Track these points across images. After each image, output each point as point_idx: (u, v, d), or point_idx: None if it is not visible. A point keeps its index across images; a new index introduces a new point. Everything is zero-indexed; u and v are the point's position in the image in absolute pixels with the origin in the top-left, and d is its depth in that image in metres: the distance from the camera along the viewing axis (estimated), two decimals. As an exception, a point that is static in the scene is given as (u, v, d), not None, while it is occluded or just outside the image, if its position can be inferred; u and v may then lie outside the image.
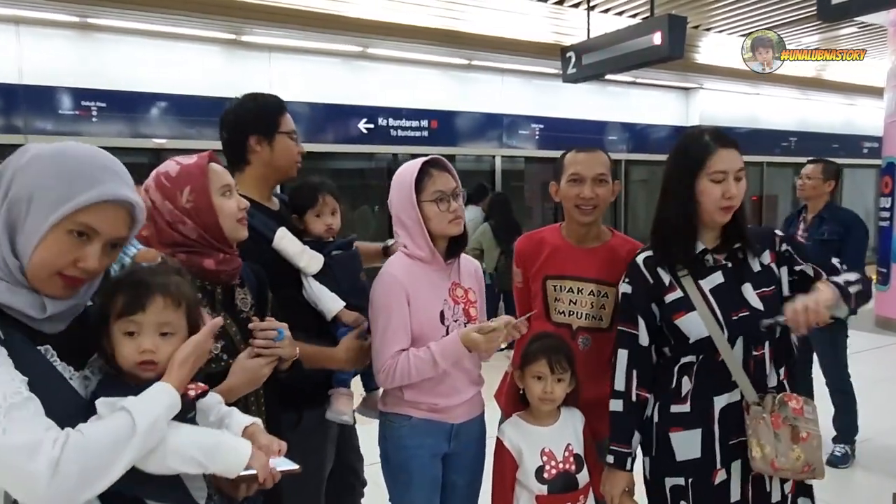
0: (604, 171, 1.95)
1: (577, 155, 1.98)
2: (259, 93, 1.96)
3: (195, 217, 1.44)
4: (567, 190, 1.96)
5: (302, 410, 1.84)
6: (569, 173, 1.96)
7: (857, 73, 10.77)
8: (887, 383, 3.61)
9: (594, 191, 1.93)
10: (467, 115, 8.16)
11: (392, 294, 1.77)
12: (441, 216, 1.77)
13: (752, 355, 1.64)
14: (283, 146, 1.90)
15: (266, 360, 1.44)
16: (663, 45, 5.97)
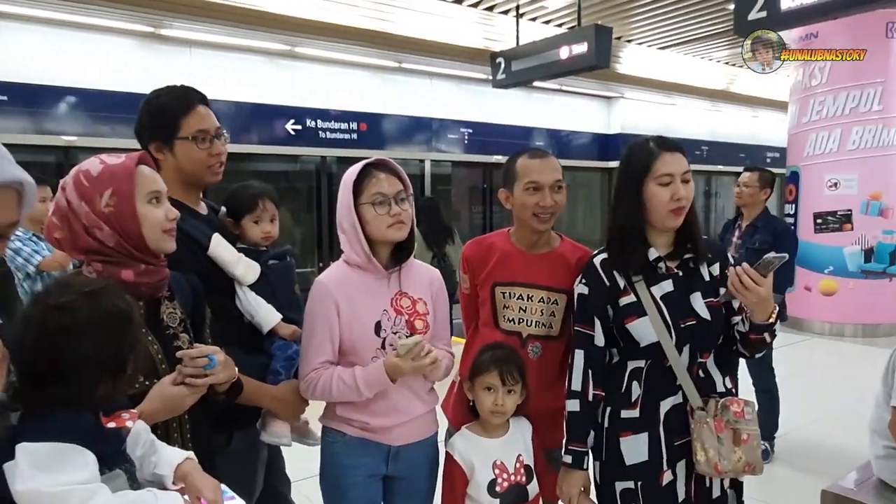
0: (559, 176, 1.92)
1: (532, 161, 1.91)
2: (163, 89, 1.73)
3: (114, 223, 1.29)
4: (525, 198, 1.89)
5: (231, 431, 1.71)
6: (525, 181, 1.89)
7: (762, 88, 11.50)
8: (797, 379, 3.84)
9: (553, 198, 1.89)
10: (397, 118, 8.11)
11: (319, 303, 1.68)
12: (379, 220, 1.67)
13: (697, 361, 1.69)
14: (185, 152, 1.68)
15: (191, 391, 1.31)
16: (590, 55, 6.16)
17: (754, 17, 4.46)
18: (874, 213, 6.99)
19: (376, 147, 7.87)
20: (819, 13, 4.36)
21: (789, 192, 7.65)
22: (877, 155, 6.94)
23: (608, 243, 1.78)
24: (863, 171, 6.96)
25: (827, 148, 7.14)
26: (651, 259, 1.70)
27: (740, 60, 10.37)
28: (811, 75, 7.22)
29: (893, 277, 7.12)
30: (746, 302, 1.57)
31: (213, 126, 1.73)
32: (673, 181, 1.65)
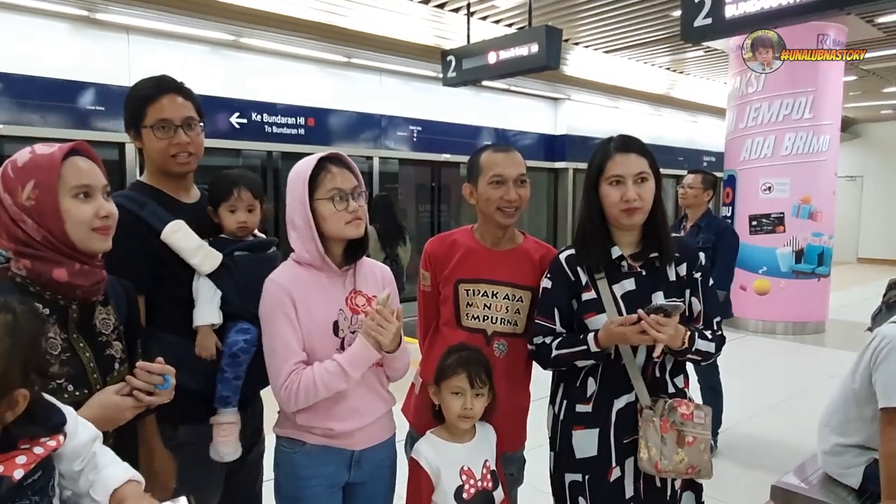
0: (523, 171, 1.91)
1: (496, 155, 1.89)
2: (144, 79, 1.74)
3: (37, 218, 1.21)
4: (489, 192, 1.87)
5: (177, 425, 1.65)
6: (489, 175, 1.86)
7: (700, 94, 11.93)
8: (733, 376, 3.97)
9: (517, 192, 1.87)
10: (346, 114, 7.99)
11: (276, 302, 1.60)
12: (337, 216, 1.60)
13: (652, 361, 1.71)
14: (148, 141, 1.70)
15: (134, 404, 1.25)
16: (541, 55, 6.22)
17: (700, 23, 4.61)
18: (805, 216, 7.34)
19: (324, 143, 7.74)
20: (760, 22, 4.53)
21: (726, 195, 7.94)
22: (807, 161, 7.28)
23: (574, 240, 1.80)
24: (794, 176, 7.30)
25: (762, 153, 7.45)
26: (614, 257, 1.72)
27: (681, 66, 10.81)
28: (748, 83, 7.52)
29: (821, 277, 7.49)
30: (662, 342, 1.59)
31: (180, 116, 1.71)
32: (623, 182, 1.66)
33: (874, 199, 15.72)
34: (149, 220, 1.63)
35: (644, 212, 1.68)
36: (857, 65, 9.77)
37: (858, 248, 15.80)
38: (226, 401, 1.69)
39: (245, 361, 1.68)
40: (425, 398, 1.84)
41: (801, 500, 2.28)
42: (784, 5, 4.29)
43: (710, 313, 1.77)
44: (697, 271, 1.77)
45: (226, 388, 1.68)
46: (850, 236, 15.29)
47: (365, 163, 8.37)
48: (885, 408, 2.05)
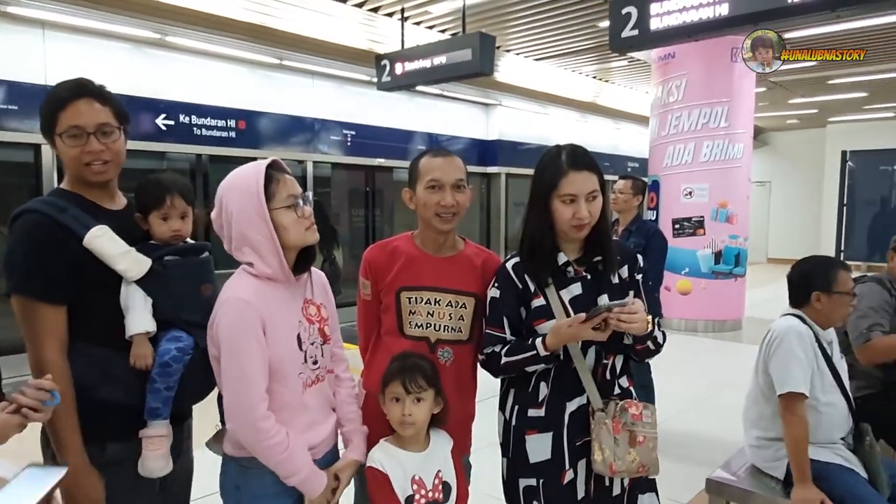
0: (462, 176, 1.88)
1: (434, 160, 1.88)
2: (62, 82, 1.65)
3: None
4: (427, 197, 1.85)
5: (105, 442, 1.58)
6: (427, 179, 1.85)
7: (624, 102, 12.41)
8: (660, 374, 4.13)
9: (454, 197, 1.85)
10: (278, 117, 7.84)
11: (247, 324, 1.50)
12: (298, 224, 1.57)
13: (601, 363, 1.76)
14: (61, 149, 1.61)
15: (20, 422, 1.21)
16: (474, 62, 6.32)
17: (627, 34, 4.82)
18: (722, 219, 7.76)
19: (256, 146, 7.57)
20: (682, 34, 4.79)
21: (651, 200, 8.29)
22: (724, 167, 7.71)
23: (520, 248, 1.81)
24: (713, 182, 7.70)
25: (683, 159, 7.83)
26: (560, 263, 1.76)
27: (607, 75, 11.22)
28: (669, 92, 7.89)
29: (738, 277, 7.94)
30: (636, 331, 1.62)
31: (94, 122, 1.60)
32: (576, 200, 1.68)
33: (781, 203, 16.79)
34: (70, 226, 1.54)
35: (591, 225, 1.73)
36: (766, 77, 10.41)
37: (768, 249, 16.82)
38: (155, 412, 1.60)
39: (177, 371, 1.61)
40: (369, 408, 1.82)
41: (734, 492, 2.43)
42: (703, 20, 4.56)
43: (651, 312, 1.81)
44: (637, 273, 1.84)
45: (156, 399, 1.60)
46: (760, 238, 16.26)
47: (298, 167, 8.24)
48: (780, 395, 2.24)
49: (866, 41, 8.32)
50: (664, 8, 4.77)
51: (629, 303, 1.60)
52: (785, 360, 2.26)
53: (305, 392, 1.61)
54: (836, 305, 2.34)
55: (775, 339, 2.33)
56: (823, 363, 2.31)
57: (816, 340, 2.32)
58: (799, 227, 16.13)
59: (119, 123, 1.67)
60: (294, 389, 1.59)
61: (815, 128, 15.99)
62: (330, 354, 1.71)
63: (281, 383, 1.57)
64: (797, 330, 2.29)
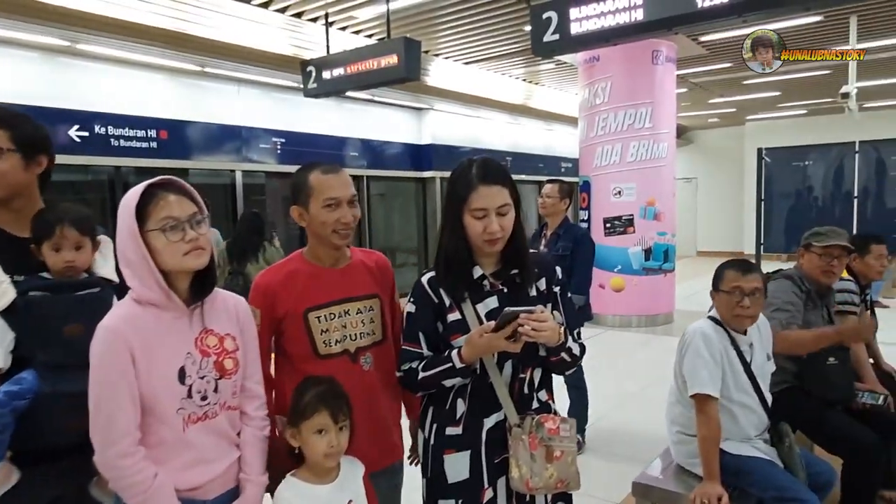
0: (354, 191, 1.88)
1: (328, 178, 1.83)
2: None
3: None
4: (325, 215, 1.82)
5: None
6: (323, 198, 1.82)
7: (554, 104, 12.64)
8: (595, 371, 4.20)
9: (352, 213, 1.85)
10: (202, 126, 7.60)
11: (111, 355, 1.41)
12: (173, 248, 1.45)
13: (518, 377, 1.73)
14: None
15: None
16: (400, 67, 6.30)
17: (549, 38, 4.90)
18: (650, 217, 7.99)
19: (180, 156, 7.32)
20: (601, 39, 4.91)
21: (583, 200, 8.47)
22: (650, 166, 7.94)
23: (435, 262, 1.79)
24: (640, 181, 7.92)
25: (611, 160, 8.02)
26: (476, 277, 1.73)
27: (536, 78, 11.39)
28: (595, 94, 8.08)
29: (667, 273, 8.20)
30: (546, 340, 1.61)
31: None
32: (487, 215, 1.66)
33: (707, 198, 17.50)
34: None
35: (505, 239, 1.71)
36: (687, 78, 10.83)
37: (697, 243, 17.49)
38: None
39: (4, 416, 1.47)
40: (277, 441, 1.74)
41: (658, 493, 2.46)
42: (620, 25, 4.69)
43: (570, 324, 1.82)
44: (556, 285, 1.82)
45: None
46: (689, 232, 16.88)
47: (227, 176, 8.02)
48: (692, 395, 2.31)
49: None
50: (583, 13, 4.89)
51: (537, 310, 1.59)
52: (693, 362, 2.33)
53: (188, 429, 1.50)
54: (722, 303, 2.39)
55: (687, 341, 2.40)
56: (738, 365, 2.37)
57: (732, 343, 2.38)
58: (724, 221, 16.85)
59: (12, 145, 1.59)
60: (172, 425, 1.48)
61: (734, 126, 16.76)
62: (231, 389, 1.58)
63: (156, 418, 1.47)
64: (704, 333, 2.36)
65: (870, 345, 3.64)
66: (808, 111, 14.86)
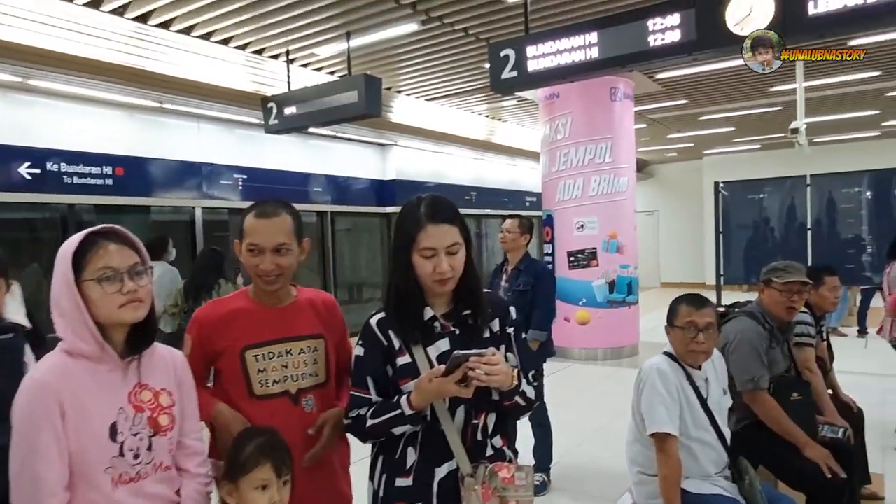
0: (285, 239, 1.79)
1: (258, 222, 1.78)
2: None
3: None
4: (247, 259, 1.78)
5: None
6: (247, 242, 1.77)
7: (517, 139, 12.82)
8: (562, 406, 4.15)
9: (275, 262, 1.77)
10: (161, 163, 7.47)
11: (38, 409, 1.34)
12: (108, 299, 1.40)
13: (471, 423, 1.65)
14: None
15: None
16: (360, 103, 6.31)
17: (507, 76, 4.97)
18: (613, 250, 8.07)
19: (138, 193, 7.17)
20: (558, 76, 5.00)
21: (546, 234, 8.53)
22: (611, 200, 8.06)
23: (384, 303, 1.72)
24: (602, 214, 8.03)
25: (573, 194, 8.13)
26: (427, 318, 1.66)
27: (499, 114, 11.56)
28: (556, 130, 8.21)
29: (631, 305, 8.25)
30: (499, 384, 1.55)
31: None
32: (436, 254, 1.60)
33: (669, 230, 17.85)
34: None
35: (456, 279, 1.65)
36: (645, 114, 11.11)
37: (661, 274, 17.74)
38: None
39: None
40: None
41: (621, 535, 2.40)
42: (576, 63, 4.78)
43: (525, 367, 1.76)
44: (510, 326, 1.76)
45: None
46: (652, 264, 17.14)
47: (187, 212, 7.87)
48: (651, 434, 2.28)
49: (727, 81, 9.05)
50: (540, 51, 4.98)
51: (488, 353, 1.52)
52: (650, 400, 2.29)
53: (117, 489, 1.41)
54: (677, 339, 2.37)
55: (643, 378, 2.36)
56: (695, 400, 2.35)
57: (688, 378, 2.36)
58: (686, 253, 17.16)
59: None
60: (100, 486, 1.39)
61: (692, 160, 17.22)
62: (166, 447, 1.50)
63: (83, 477, 1.38)
64: (660, 369, 2.33)
65: (827, 375, 3.68)
66: (762, 146, 15.37)
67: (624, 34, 4.64)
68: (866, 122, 12.64)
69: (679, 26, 4.48)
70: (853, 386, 3.96)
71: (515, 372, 1.61)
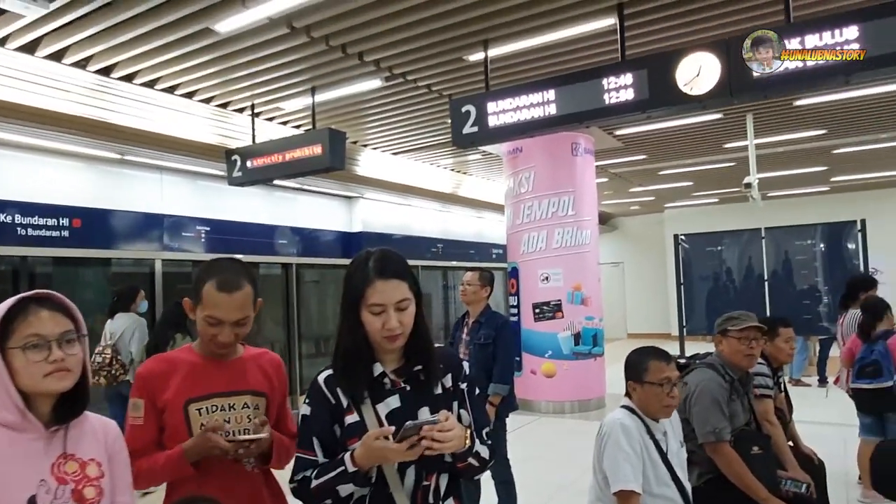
0: (247, 313, 1.79)
1: (220, 296, 1.74)
2: None
3: None
4: (204, 326, 1.77)
5: None
6: (205, 313, 1.75)
7: (483, 192, 12.99)
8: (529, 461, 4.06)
9: (234, 333, 1.77)
10: (120, 214, 7.33)
11: None
12: (33, 368, 1.35)
13: (421, 486, 1.59)
14: None
15: None
16: (325, 157, 6.35)
17: (468, 131, 5.07)
18: (578, 302, 8.12)
19: (95, 245, 7.00)
20: (517, 131, 5.13)
21: (511, 286, 8.56)
22: (575, 252, 8.16)
23: (333, 360, 1.66)
24: (566, 266, 8.10)
25: (537, 246, 8.21)
26: (376, 375, 1.61)
27: (464, 167, 11.74)
28: (520, 184, 8.35)
29: (597, 357, 8.25)
30: (449, 449, 1.50)
31: None
32: (385, 310, 1.57)
33: (635, 282, 18.11)
34: None
35: (406, 335, 1.61)
36: (607, 169, 11.40)
37: (627, 325, 17.89)
38: None
39: None
40: None
41: None
42: (535, 119, 4.91)
43: (479, 424, 1.71)
44: (463, 381, 1.71)
45: None
46: (619, 315, 17.30)
47: (148, 264, 7.70)
48: (615, 492, 2.23)
49: (683, 138, 9.38)
50: (500, 107, 5.10)
51: (441, 419, 1.47)
52: (614, 456, 2.24)
53: None
54: (650, 396, 2.33)
55: (605, 434, 2.32)
56: (656, 455, 2.31)
57: (648, 432, 2.33)
58: (651, 304, 17.38)
59: None
60: None
61: (654, 213, 17.66)
62: None
63: None
64: (623, 424, 2.29)
65: (787, 426, 3.70)
66: (720, 199, 15.85)
67: (580, 92, 4.80)
68: (816, 178, 13.17)
69: (632, 85, 4.65)
70: (815, 436, 3.98)
71: (468, 432, 1.57)
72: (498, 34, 5.40)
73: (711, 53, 4.45)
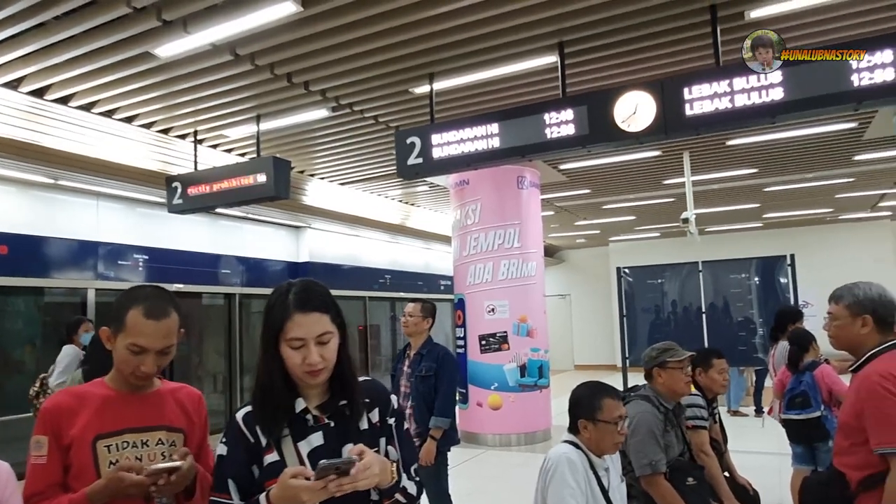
0: (173, 341, 1.72)
1: (146, 323, 1.66)
2: None
3: None
4: (125, 356, 1.67)
5: None
6: (129, 341, 1.66)
7: (431, 224, 13.03)
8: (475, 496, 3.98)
9: (158, 363, 1.69)
10: (51, 241, 7.03)
11: None
12: None
13: None
14: None
15: None
16: (269, 185, 6.26)
17: (412, 162, 5.09)
18: (523, 333, 8.15)
19: (23, 273, 6.67)
20: (462, 163, 5.18)
21: (458, 317, 8.54)
22: (520, 284, 8.21)
23: (252, 396, 1.59)
24: (512, 298, 8.14)
25: (483, 278, 8.23)
26: (298, 410, 1.55)
27: (412, 199, 11.77)
28: (467, 215, 8.41)
29: (542, 388, 8.27)
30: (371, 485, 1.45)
31: None
32: (305, 344, 1.51)
33: (581, 314, 18.37)
34: None
35: (329, 369, 1.55)
36: (553, 202, 11.62)
37: (574, 357, 18.07)
38: None
39: None
40: None
41: None
42: (479, 151, 4.97)
43: (407, 460, 1.65)
44: (391, 416, 1.66)
45: None
46: (566, 347, 17.49)
47: (78, 294, 7.37)
48: None
49: (625, 174, 9.67)
50: (444, 139, 5.15)
51: (355, 461, 1.40)
52: (560, 493, 2.23)
53: None
54: (604, 434, 2.33)
55: (550, 468, 2.30)
56: (598, 491, 2.31)
57: (591, 467, 2.33)
58: (598, 336, 17.64)
59: None
60: None
61: (599, 246, 18.05)
62: None
63: None
64: (569, 458, 2.28)
65: (722, 457, 3.76)
66: (661, 234, 16.34)
67: (523, 126, 4.90)
68: (750, 214, 13.76)
69: (573, 121, 4.78)
70: (751, 466, 4.06)
71: (394, 467, 1.52)
72: (443, 68, 5.48)
73: (647, 92, 4.63)
